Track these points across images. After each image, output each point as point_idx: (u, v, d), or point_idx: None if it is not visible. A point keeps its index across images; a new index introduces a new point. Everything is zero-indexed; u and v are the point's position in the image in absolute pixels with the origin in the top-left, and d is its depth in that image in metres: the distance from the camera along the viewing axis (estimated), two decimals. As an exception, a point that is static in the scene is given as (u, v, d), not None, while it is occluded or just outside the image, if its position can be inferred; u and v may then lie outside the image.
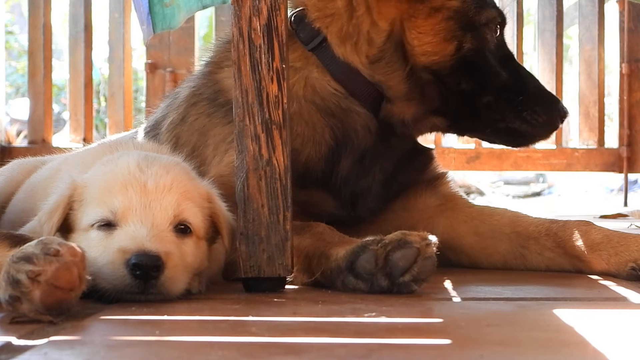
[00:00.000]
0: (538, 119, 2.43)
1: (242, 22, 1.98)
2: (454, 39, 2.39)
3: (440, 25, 2.39)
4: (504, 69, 2.46)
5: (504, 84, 2.44)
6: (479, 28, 2.43)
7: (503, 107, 2.43)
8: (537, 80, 2.54)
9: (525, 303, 1.80)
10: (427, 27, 2.39)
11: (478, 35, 2.43)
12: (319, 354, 1.32)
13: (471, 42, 2.41)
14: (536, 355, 1.29)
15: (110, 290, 1.77)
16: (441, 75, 2.39)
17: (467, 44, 2.41)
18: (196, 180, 1.98)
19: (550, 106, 2.47)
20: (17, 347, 1.38)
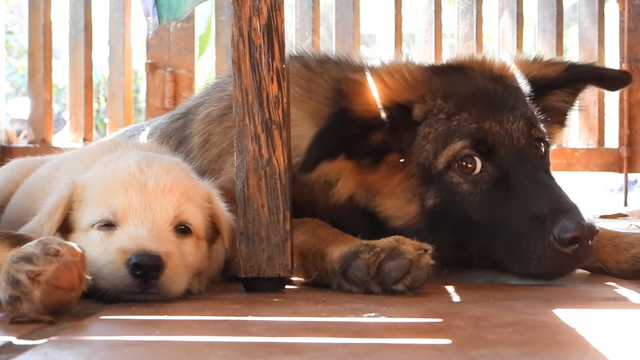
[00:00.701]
0: (532, 255, 2.02)
1: (242, 22, 1.98)
2: (414, 198, 2.15)
3: (400, 187, 2.17)
4: (492, 204, 2.09)
5: (490, 227, 2.09)
6: (441, 176, 2.12)
7: (496, 254, 2.10)
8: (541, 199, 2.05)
9: (525, 303, 1.80)
10: (388, 191, 2.18)
11: (442, 184, 2.12)
12: (319, 354, 1.32)
13: (434, 195, 2.13)
14: (536, 356, 1.29)
15: (110, 290, 1.77)
16: (422, 231, 2.11)
17: (430, 200, 2.14)
18: (196, 180, 1.98)
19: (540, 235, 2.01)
20: (17, 347, 1.38)
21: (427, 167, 2.14)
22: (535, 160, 2.15)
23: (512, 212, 2.06)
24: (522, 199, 2.07)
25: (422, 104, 2.17)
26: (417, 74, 2.23)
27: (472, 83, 2.22)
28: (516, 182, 2.09)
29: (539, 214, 2.02)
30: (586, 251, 2.01)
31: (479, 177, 2.11)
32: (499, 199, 2.09)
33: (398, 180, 2.17)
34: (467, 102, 2.17)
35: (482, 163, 2.12)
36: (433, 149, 2.14)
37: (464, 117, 2.14)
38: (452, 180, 2.12)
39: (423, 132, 2.16)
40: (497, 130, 2.13)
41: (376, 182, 2.18)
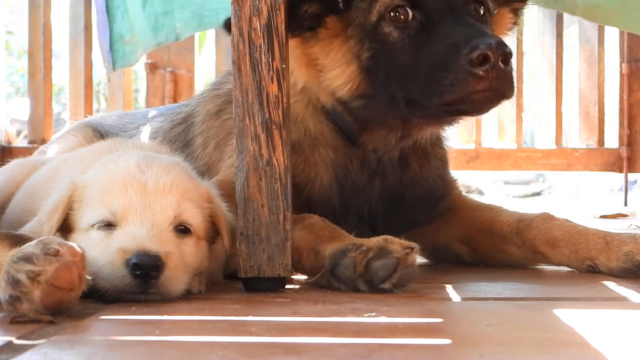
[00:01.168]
0: (444, 81, 2.06)
1: (242, 22, 1.98)
2: (353, 57, 2.21)
3: (340, 51, 2.22)
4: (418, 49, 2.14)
5: (414, 68, 2.14)
6: (375, 28, 2.20)
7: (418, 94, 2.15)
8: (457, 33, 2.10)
9: (525, 303, 1.80)
10: (330, 61, 2.23)
11: (375, 37, 2.19)
12: (319, 354, 1.32)
13: (368, 49, 2.20)
14: (536, 355, 1.29)
15: (110, 290, 1.77)
16: (366, 95, 2.22)
17: (365, 54, 2.20)
18: (196, 180, 1.98)
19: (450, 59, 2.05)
20: (17, 347, 1.38)
21: (362, 24, 2.21)
22: (465, 10, 2.19)
23: (432, 49, 2.12)
24: (443, 36, 2.12)
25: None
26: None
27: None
28: (441, 24, 2.14)
29: (455, 42, 2.07)
30: (500, 75, 2.03)
31: (408, 25, 2.18)
32: (423, 41, 2.15)
33: (338, 44, 2.23)
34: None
35: (412, 13, 2.18)
36: (368, 5, 2.20)
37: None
38: (384, 30, 2.19)
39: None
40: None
41: (319, 53, 2.24)
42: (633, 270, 2.20)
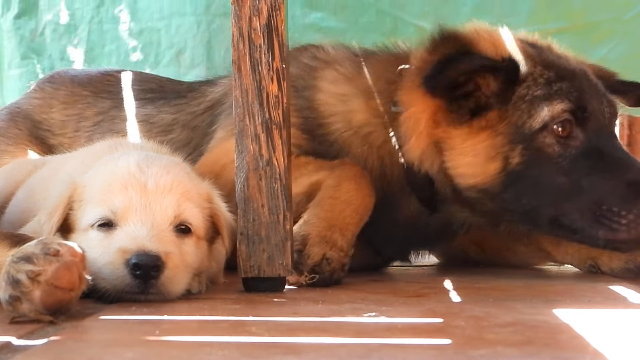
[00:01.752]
0: (621, 220, 2.04)
1: (242, 22, 1.98)
2: (498, 156, 2.13)
3: (483, 145, 2.14)
4: (577, 171, 2.10)
5: (573, 191, 2.10)
6: (533, 135, 2.12)
7: (574, 218, 2.10)
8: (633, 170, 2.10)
9: (525, 303, 1.80)
10: (466, 148, 2.15)
11: (532, 144, 2.12)
12: (319, 354, 1.32)
13: (521, 155, 2.12)
14: (536, 356, 1.29)
15: (110, 290, 1.77)
16: (490, 193, 2.15)
17: (515, 159, 2.12)
18: (196, 180, 1.98)
19: (636, 200, 2.05)
20: (17, 347, 1.38)
21: (519, 127, 2.12)
22: (619, 141, 2.21)
23: (603, 177, 2.08)
24: (616, 167, 2.09)
25: (526, 64, 2.18)
26: (512, 40, 2.25)
27: (564, 60, 2.25)
28: (607, 152, 2.12)
29: (635, 180, 2.05)
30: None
31: (570, 142, 2.12)
32: (590, 165, 2.10)
33: (483, 137, 2.13)
34: (567, 74, 2.18)
35: (575, 129, 2.13)
36: (529, 109, 2.13)
37: (565, 85, 2.15)
38: (545, 141, 2.11)
39: (521, 93, 2.15)
40: (594, 104, 2.16)
41: (458, 137, 2.15)
42: (634, 270, 2.21)
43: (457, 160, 2.15)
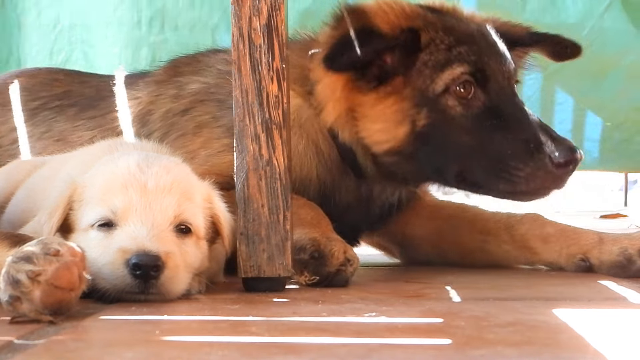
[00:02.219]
0: (519, 173, 2.20)
1: (242, 22, 1.98)
2: (405, 119, 2.26)
3: (390, 110, 2.26)
4: (479, 129, 2.25)
5: (476, 148, 2.24)
6: (437, 98, 2.26)
7: (478, 173, 2.25)
8: (532, 127, 2.24)
9: (525, 303, 1.80)
10: (375, 114, 2.27)
11: (436, 106, 2.25)
12: (319, 354, 1.32)
13: (426, 117, 2.25)
14: (537, 355, 1.29)
15: (110, 290, 1.77)
16: (404, 155, 2.28)
17: (421, 121, 2.25)
18: (196, 180, 1.98)
19: (535, 154, 2.19)
20: (17, 347, 1.38)
21: (423, 90, 2.26)
22: (519, 99, 2.35)
23: (504, 135, 2.23)
24: (516, 125, 2.25)
25: (426, 32, 2.30)
26: (413, 7, 2.35)
27: (465, 24, 2.37)
28: (508, 111, 2.28)
29: (533, 137, 2.21)
30: (568, 176, 2.23)
31: (472, 103, 2.27)
32: (490, 124, 2.25)
33: (390, 102, 2.27)
34: (466, 38, 2.32)
35: (476, 90, 2.28)
36: (431, 73, 2.26)
37: (465, 50, 2.29)
38: (447, 102, 2.26)
39: (423, 59, 2.28)
40: (493, 65, 2.31)
41: (367, 103, 2.28)
42: (624, 263, 2.22)
43: (370, 127, 2.28)
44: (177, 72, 2.65)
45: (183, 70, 2.65)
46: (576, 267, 2.30)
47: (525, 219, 2.41)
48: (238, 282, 2.00)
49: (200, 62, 2.64)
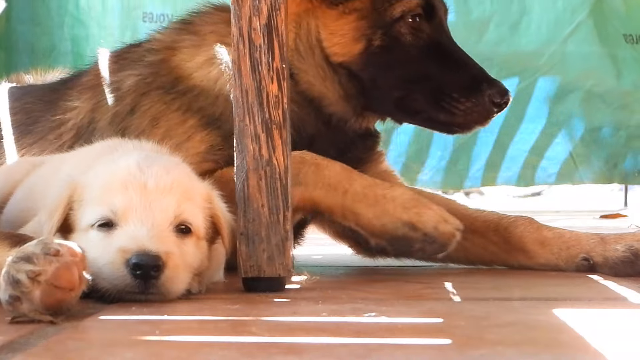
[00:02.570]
0: (459, 106, 2.36)
1: (242, 22, 1.98)
2: (362, 37, 2.39)
3: (350, 26, 2.40)
4: (425, 60, 2.41)
5: (421, 76, 2.40)
6: (392, 24, 2.40)
7: (419, 100, 2.39)
8: (471, 67, 2.44)
9: (525, 303, 1.80)
10: (337, 27, 2.40)
11: (390, 31, 2.40)
12: (319, 353, 1.32)
13: (381, 39, 2.39)
14: (536, 355, 1.29)
15: (110, 290, 1.77)
16: (354, 72, 2.40)
17: (376, 42, 2.39)
18: (196, 180, 1.98)
19: (476, 91, 2.37)
20: (17, 347, 1.38)
21: (381, 13, 2.40)
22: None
23: (448, 69, 2.40)
24: (458, 62, 2.43)
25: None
26: None
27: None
28: (450, 47, 2.46)
29: (475, 76, 2.40)
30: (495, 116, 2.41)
31: (419, 34, 2.42)
32: (435, 56, 2.41)
33: (351, 19, 2.39)
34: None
35: (423, 22, 2.43)
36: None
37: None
38: (400, 30, 2.40)
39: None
40: (436, 2, 2.48)
41: (331, 16, 2.41)
42: (631, 259, 2.21)
43: (330, 39, 2.41)
44: (106, 75, 2.61)
45: (112, 68, 2.62)
46: (577, 267, 2.29)
47: (519, 221, 2.38)
48: (238, 282, 2.00)
49: (126, 58, 2.62)
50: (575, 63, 4.17)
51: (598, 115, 4.21)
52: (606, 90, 4.19)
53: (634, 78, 4.20)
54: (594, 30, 4.16)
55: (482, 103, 2.37)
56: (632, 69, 4.19)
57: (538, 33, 4.18)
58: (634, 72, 4.20)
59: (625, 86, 4.19)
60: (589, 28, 4.16)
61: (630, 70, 4.19)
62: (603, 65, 4.17)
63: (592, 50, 4.17)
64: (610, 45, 4.18)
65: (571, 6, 4.17)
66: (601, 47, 4.17)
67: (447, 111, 2.37)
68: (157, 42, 2.58)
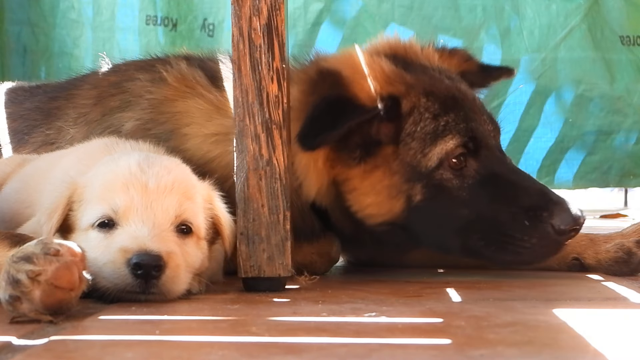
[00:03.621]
0: (524, 244, 2.11)
1: (242, 21, 1.98)
2: (400, 194, 2.15)
3: (382, 184, 2.15)
4: (477, 200, 2.14)
5: (476, 220, 2.14)
6: (431, 173, 2.14)
7: (480, 244, 2.15)
8: (530, 192, 2.15)
9: (525, 303, 1.80)
10: (367, 187, 2.16)
11: (431, 181, 2.14)
12: (319, 353, 1.32)
13: (422, 192, 2.14)
14: (537, 356, 1.29)
15: (111, 289, 1.77)
16: (399, 226, 2.18)
17: (417, 196, 2.14)
18: (197, 181, 1.98)
19: (538, 224, 2.10)
20: (17, 347, 1.38)
21: (414, 165, 2.14)
22: (508, 158, 2.24)
23: (504, 205, 2.12)
24: (513, 192, 2.14)
25: (407, 98, 2.18)
26: (390, 67, 2.23)
27: (439, 81, 2.25)
28: (503, 175, 2.17)
29: (534, 205, 2.11)
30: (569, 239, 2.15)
31: (467, 173, 2.15)
32: (487, 192, 2.15)
33: (380, 176, 2.15)
34: (450, 103, 2.19)
35: (468, 159, 2.16)
36: (421, 147, 2.15)
37: (452, 118, 2.17)
38: (443, 176, 2.14)
39: (409, 130, 2.16)
40: (481, 129, 2.20)
41: (355, 177, 2.16)
42: (624, 258, 2.21)
43: (362, 201, 2.17)
44: (105, 109, 2.45)
45: (111, 105, 2.44)
46: (569, 267, 2.30)
47: None
48: (238, 282, 2.00)
49: (126, 92, 2.43)
50: (567, 68, 4.18)
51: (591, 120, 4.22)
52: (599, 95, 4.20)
53: (627, 82, 4.21)
54: (587, 35, 4.16)
55: (547, 236, 2.10)
56: (626, 72, 4.20)
57: (530, 38, 4.19)
58: (628, 76, 4.20)
59: (619, 91, 4.20)
60: (582, 32, 4.17)
61: (624, 74, 4.19)
62: (596, 70, 4.18)
63: (586, 55, 4.18)
64: (604, 49, 4.18)
65: (565, 11, 4.18)
66: (595, 51, 4.18)
67: (512, 252, 2.13)
68: (161, 84, 2.39)
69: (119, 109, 2.41)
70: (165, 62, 2.45)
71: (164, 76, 2.39)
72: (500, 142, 2.28)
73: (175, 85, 2.37)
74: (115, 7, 4.11)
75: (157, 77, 2.40)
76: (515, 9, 4.20)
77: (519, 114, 4.24)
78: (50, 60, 4.06)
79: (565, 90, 4.22)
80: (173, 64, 2.43)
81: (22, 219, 2.09)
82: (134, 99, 2.39)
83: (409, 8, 4.15)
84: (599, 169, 4.25)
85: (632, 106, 4.20)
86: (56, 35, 4.10)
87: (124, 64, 2.59)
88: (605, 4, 4.17)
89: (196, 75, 2.37)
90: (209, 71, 2.39)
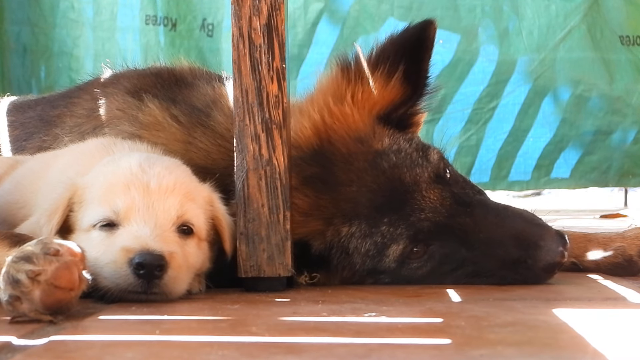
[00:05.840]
0: (528, 261, 2.02)
1: (242, 21, 1.98)
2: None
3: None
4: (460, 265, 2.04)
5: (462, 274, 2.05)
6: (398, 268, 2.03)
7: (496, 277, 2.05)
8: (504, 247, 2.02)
9: (525, 303, 1.80)
10: None
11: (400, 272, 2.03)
12: (319, 353, 1.32)
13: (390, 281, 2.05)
14: (537, 356, 1.29)
15: (112, 289, 1.77)
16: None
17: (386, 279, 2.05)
18: (197, 182, 1.98)
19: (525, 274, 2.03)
20: (17, 347, 1.38)
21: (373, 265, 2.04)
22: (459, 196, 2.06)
23: (486, 262, 2.03)
24: (490, 251, 2.02)
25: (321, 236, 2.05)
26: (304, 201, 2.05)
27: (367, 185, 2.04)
28: (473, 236, 2.02)
29: (516, 259, 2.01)
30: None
31: (431, 252, 2.03)
32: (468, 257, 2.04)
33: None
34: (383, 209, 2.02)
35: (429, 242, 2.02)
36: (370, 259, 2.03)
37: (386, 228, 2.02)
38: (412, 265, 2.04)
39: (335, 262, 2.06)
40: (420, 216, 2.02)
41: None
42: (623, 265, 2.20)
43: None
44: (98, 122, 2.39)
45: (103, 120, 2.38)
46: (571, 268, 2.29)
47: None
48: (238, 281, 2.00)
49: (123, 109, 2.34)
50: (566, 68, 4.19)
51: (589, 120, 4.23)
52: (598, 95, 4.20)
53: (627, 82, 4.21)
54: (587, 35, 4.17)
55: (536, 276, 2.03)
56: (625, 72, 4.20)
57: (529, 39, 4.19)
58: (627, 77, 4.21)
59: (618, 91, 4.20)
60: (581, 33, 4.17)
61: (623, 74, 4.20)
62: (595, 70, 4.18)
63: (585, 55, 4.18)
64: (603, 49, 4.19)
65: (564, 11, 4.18)
66: (594, 51, 4.18)
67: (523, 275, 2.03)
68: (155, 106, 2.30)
69: (117, 127, 2.33)
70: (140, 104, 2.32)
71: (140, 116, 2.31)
72: (439, 179, 2.07)
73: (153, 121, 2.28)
74: (115, 7, 4.12)
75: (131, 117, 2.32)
76: (514, 10, 4.20)
77: (515, 113, 4.24)
78: (50, 60, 4.07)
79: (563, 90, 4.22)
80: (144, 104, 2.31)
81: (16, 219, 2.08)
82: (132, 118, 2.31)
83: (408, 8, 4.16)
84: (598, 168, 4.25)
85: (631, 106, 4.21)
86: (56, 35, 4.11)
87: (124, 73, 2.55)
88: (604, 4, 4.17)
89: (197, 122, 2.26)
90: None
